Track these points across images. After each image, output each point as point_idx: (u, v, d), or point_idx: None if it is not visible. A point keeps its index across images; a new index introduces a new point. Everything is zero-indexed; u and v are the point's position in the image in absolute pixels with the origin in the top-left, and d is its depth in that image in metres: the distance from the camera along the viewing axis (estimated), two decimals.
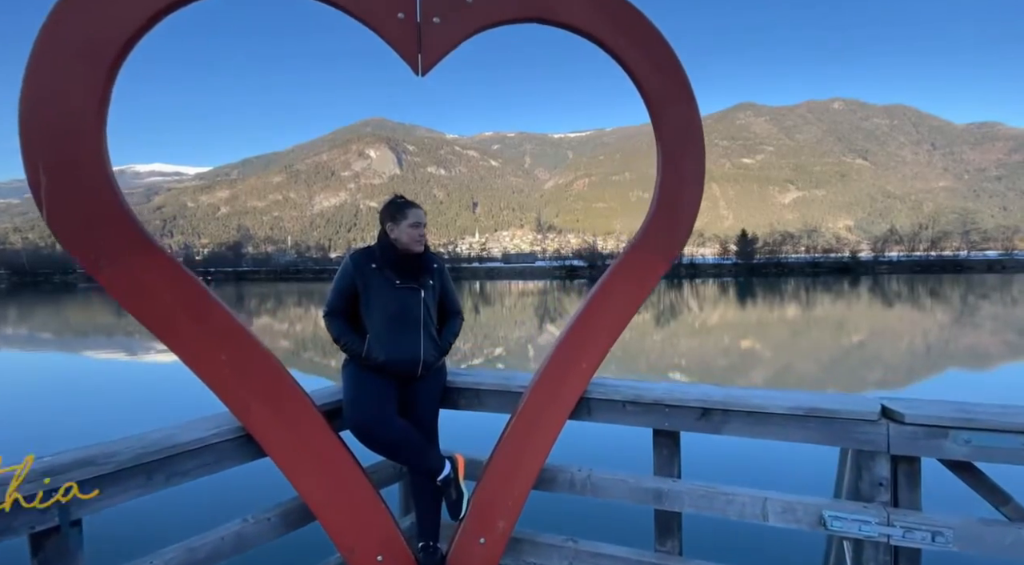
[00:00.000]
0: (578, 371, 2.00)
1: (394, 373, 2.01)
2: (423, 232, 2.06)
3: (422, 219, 2.06)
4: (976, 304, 24.16)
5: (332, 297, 2.05)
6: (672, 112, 1.91)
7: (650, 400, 1.95)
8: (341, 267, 2.07)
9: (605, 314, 2.01)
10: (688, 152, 1.94)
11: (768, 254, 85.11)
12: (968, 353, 11.73)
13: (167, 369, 10.59)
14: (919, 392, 8.17)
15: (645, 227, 1.98)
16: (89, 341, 16.10)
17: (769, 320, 20.04)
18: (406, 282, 2.03)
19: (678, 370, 10.38)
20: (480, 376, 2.33)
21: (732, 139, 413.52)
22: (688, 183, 1.95)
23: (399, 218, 2.02)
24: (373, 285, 2.01)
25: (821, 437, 1.79)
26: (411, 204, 2.07)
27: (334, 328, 2.03)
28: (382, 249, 2.04)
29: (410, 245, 2.03)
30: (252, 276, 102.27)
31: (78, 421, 6.48)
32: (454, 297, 2.26)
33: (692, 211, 1.96)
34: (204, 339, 1.68)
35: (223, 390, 1.70)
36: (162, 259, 1.65)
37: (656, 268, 2.02)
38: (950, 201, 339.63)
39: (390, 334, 1.99)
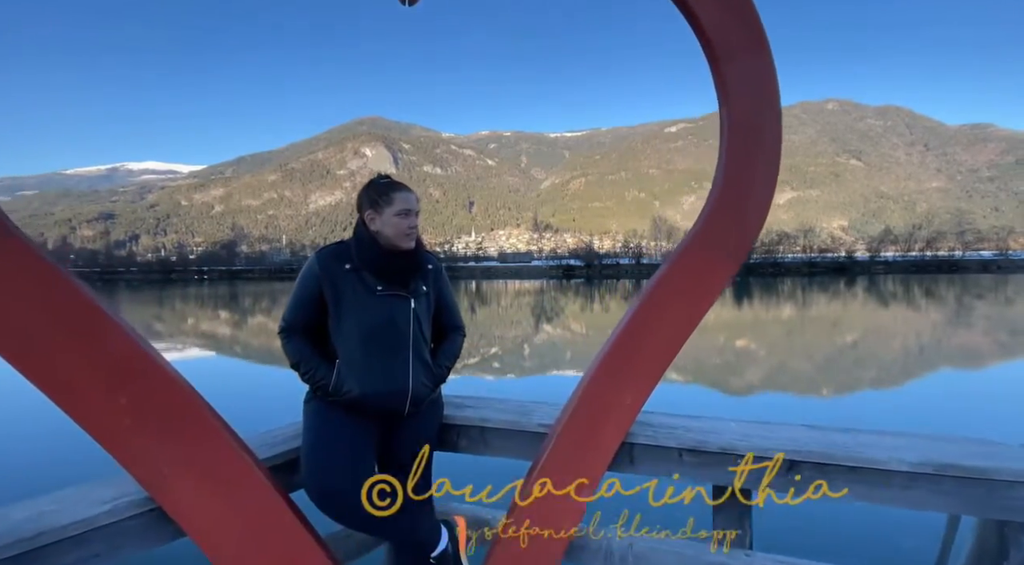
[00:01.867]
0: (620, 407, 1.54)
1: (373, 412, 1.54)
2: (415, 223, 1.59)
3: (413, 205, 1.58)
4: (971, 304, 24.21)
5: (290, 309, 1.57)
6: (743, 63, 1.48)
7: (716, 447, 1.49)
8: (303, 270, 1.59)
9: (655, 331, 1.55)
10: (763, 113, 1.48)
11: (764, 254, 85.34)
12: (962, 352, 11.70)
13: None
14: (916, 391, 8.09)
15: (707, 216, 1.53)
16: None
17: (765, 320, 20.00)
18: (391, 288, 1.56)
19: (673, 369, 10.29)
20: (487, 409, 1.85)
21: None
22: (762, 156, 1.49)
23: (382, 204, 1.56)
24: (346, 293, 1.53)
25: (961, 504, 1.32)
26: (398, 186, 1.60)
27: (292, 350, 1.55)
28: (360, 245, 1.57)
29: (397, 240, 1.56)
30: (246, 275, 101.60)
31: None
32: (454, 307, 1.78)
33: (767, 191, 1.50)
34: (90, 372, 1.17)
35: (121, 448, 1.21)
36: (18, 246, 1.12)
37: (721, 269, 1.54)
38: (943, 202, 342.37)
39: (368, 359, 1.51)
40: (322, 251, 1.60)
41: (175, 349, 13.09)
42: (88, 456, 1.29)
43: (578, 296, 35.76)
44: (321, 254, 1.58)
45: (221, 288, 53.01)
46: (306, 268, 1.58)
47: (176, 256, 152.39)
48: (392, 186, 1.59)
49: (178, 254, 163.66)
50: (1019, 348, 12.36)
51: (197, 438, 1.28)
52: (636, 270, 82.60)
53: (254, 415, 5.50)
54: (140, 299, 37.16)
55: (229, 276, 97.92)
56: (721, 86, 1.49)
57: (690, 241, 1.54)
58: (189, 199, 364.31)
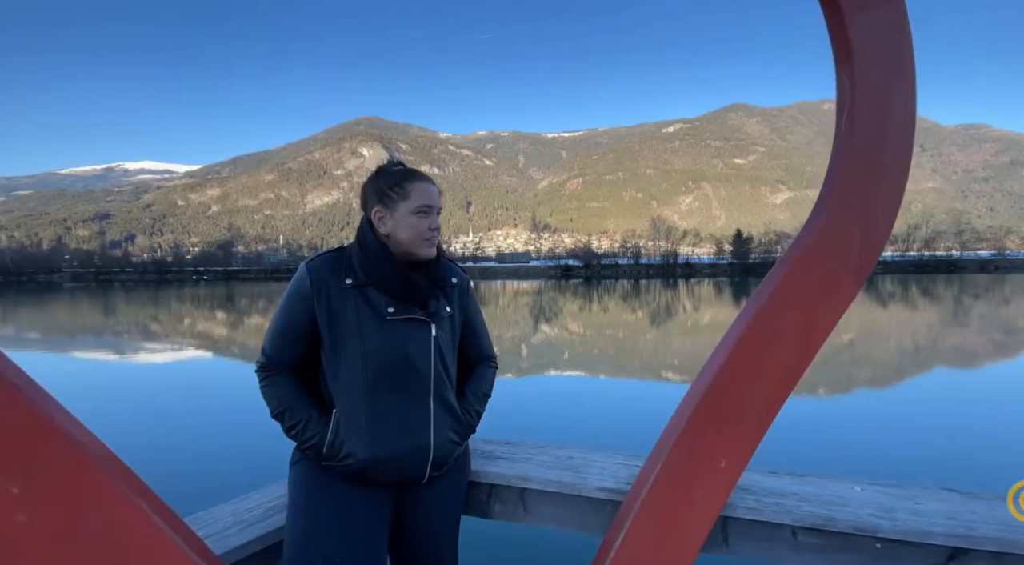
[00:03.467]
0: (713, 472, 1.15)
1: (384, 480, 1.19)
2: (436, 224, 1.26)
3: (435, 200, 1.25)
4: (969, 304, 24.31)
5: (271, 339, 1.21)
6: (876, 15, 1.11)
7: (846, 526, 1.12)
8: (289, 286, 1.23)
9: (761, 371, 1.15)
10: (896, 81, 1.13)
11: (763, 254, 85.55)
12: (958, 351, 11.72)
13: (161, 369, 10.31)
14: (911, 390, 8.12)
15: (825, 213, 1.15)
16: (77, 341, 15.71)
17: None
18: (406, 311, 1.21)
19: (670, 369, 10.24)
20: (526, 462, 1.45)
21: (724, 140, 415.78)
22: (893, 135, 1.13)
23: (396, 198, 1.22)
24: (346, 317, 1.18)
25: None
26: (416, 175, 1.26)
27: (274, 395, 1.19)
28: (365, 254, 1.22)
29: (414, 246, 1.23)
30: (242, 275, 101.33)
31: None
32: (484, 333, 1.43)
33: (899, 179, 1.14)
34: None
35: (13, 557, 0.78)
36: None
37: (845, 284, 1.17)
38: (938, 202, 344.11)
39: (376, 407, 1.16)
40: (314, 261, 1.22)
41: (171, 349, 13.02)
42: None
43: (576, 296, 35.75)
44: (313, 265, 1.21)
45: (218, 288, 52.82)
46: (293, 284, 1.21)
47: (172, 256, 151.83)
48: (409, 175, 1.25)
49: (174, 254, 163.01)
50: (1015, 347, 12.39)
51: (119, 532, 0.84)
52: (635, 270, 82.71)
53: (254, 415, 5.47)
54: (136, 300, 36.99)
55: (225, 276, 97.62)
56: (844, 46, 1.14)
57: (803, 249, 1.15)
58: (185, 199, 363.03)
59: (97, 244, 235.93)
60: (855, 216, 1.12)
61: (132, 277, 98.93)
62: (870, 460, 4.64)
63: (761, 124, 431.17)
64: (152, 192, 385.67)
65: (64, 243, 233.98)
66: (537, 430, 5.72)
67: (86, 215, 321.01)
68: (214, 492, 3.57)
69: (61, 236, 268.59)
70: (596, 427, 5.88)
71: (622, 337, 15.59)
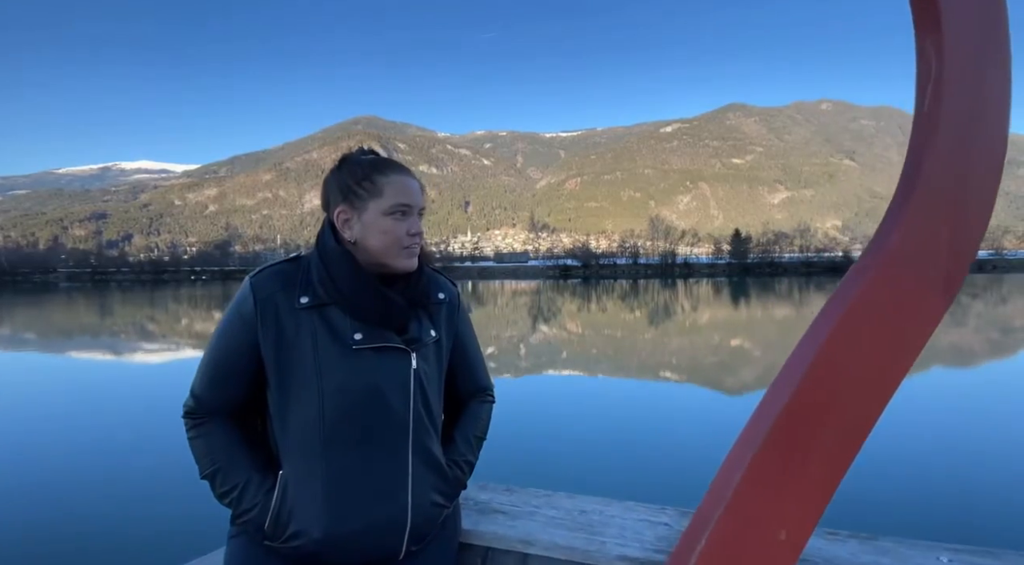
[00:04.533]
0: (770, 546, 0.89)
1: (346, 564, 0.94)
2: (418, 227, 1.01)
3: (415, 198, 1.00)
4: (967, 304, 24.34)
5: (202, 377, 0.97)
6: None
7: None
8: (229, 308, 0.98)
9: (830, 415, 0.87)
10: (990, 57, 0.85)
11: (762, 253, 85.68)
12: (954, 351, 11.74)
13: (156, 369, 10.23)
14: (908, 389, 8.17)
15: (906, 216, 0.86)
16: (74, 341, 15.61)
17: (761, 319, 20.02)
18: (378, 336, 0.96)
19: (669, 369, 10.24)
20: (528, 518, 1.22)
21: (722, 139, 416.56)
22: (987, 121, 0.86)
23: (364, 196, 0.97)
24: (300, 346, 0.94)
25: None
26: (390, 166, 1.00)
27: (204, 451, 0.95)
28: (327, 266, 0.97)
29: (389, 255, 0.98)
30: (239, 275, 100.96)
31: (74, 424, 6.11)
32: (478, 360, 1.16)
33: (993, 172, 0.87)
34: None
35: None
36: None
37: (931, 300, 0.88)
38: None
39: (336, 465, 0.92)
40: (261, 274, 0.96)
41: (168, 350, 12.94)
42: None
43: (575, 296, 35.73)
44: (259, 279, 0.95)
45: (215, 288, 52.66)
46: (234, 306, 0.95)
47: (169, 256, 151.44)
48: (381, 166, 0.98)
49: (171, 254, 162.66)
50: (1011, 346, 12.45)
51: None
52: (633, 270, 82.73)
53: None
54: (131, 300, 36.82)
55: (223, 276, 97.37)
56: (930, 8, 0.86)
57: (882, 258, 0.87)
58: (183, 198, 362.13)
59: (94, 244, 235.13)
60: (946, 215, 0.86)
61: (128, 277, 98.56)
62: (872, 462, 4.61)
63: (759, 124, 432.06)
64: (149, 192, 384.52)
65: (61, 243, 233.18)
66: (534, 435, 5.67)
67: (83, 215, 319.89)
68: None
69: (58, 236, 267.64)
70: (595, 427, 5.84)
71: (619, 337, 15.57)
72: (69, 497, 4.06)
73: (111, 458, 5.03)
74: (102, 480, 4.42)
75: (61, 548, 3.27)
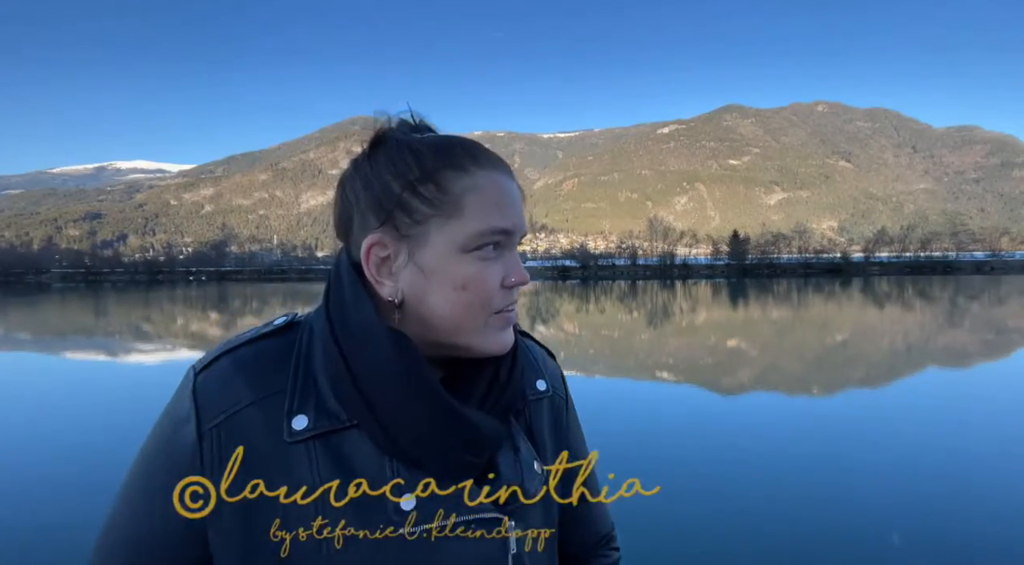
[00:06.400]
0: None
1: None
2: (525, 275, 0.55)
3: (522, 219, 0.55)
4: (964, 305, 24.33)
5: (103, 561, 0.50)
6: None
7: None
8: (154, 433, 0.52)
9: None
10: None
11: (760, 255, 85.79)
12: (950, 352, 11.69)
13: (153, 370, 10.04)
14: (902, 389, 8.09)
15: None
16: (68, 341, 15.36)
17: (760, 320, 19.97)
18: (450, 504, 0.49)
19: (666, 369, 10.14)
20: None
21: (719, 140, 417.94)
22: None
23: (428, 211, 0.50)
24: (291, 522, 0.46)
25: None
26: (478, 154, 0.54)
27: None
28: (351, 353, 0.49)
29: (471, 332, 0.52)
30: (235, 276, 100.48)
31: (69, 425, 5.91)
32: (599, 493, 0.60)
33: None
34: None
35: None
36: None
37: None
38: (930, 203, 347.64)
39: None
40: (214, 369, 0.51)
41: (165, 350, 12.73)
42: None
43: (574, 297, 35.59)
44: (209, 381, 0.51)
45: (210, 289, 52.29)
46: (160, 434, 0.52)
47: (164, 256, 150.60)
48: (456, 153, 0.53)
49: (166, 254, 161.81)
50: (1006, 347, 12.43)
51: None
52: (632, 271, 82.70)
53: None
54: (127, 301, 36.47)
55: (218, 277, 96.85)
56: None
57: None
58: (178, 198, 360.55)
59: (88, 244, 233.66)
60: None
61: (122, 277, 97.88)
62: (865, 460, 4.47)
63: (755, 125, 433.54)
64: (144, 191, 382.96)
65: (55, 243, 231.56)
66: None
67: (77, 215, 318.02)
68: None
69: (52, 236, 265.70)
70: (594, 428, 5.69)
71: (616, 337, 15.45)
72: (64, 498, 3.98)
73: (108, 458, 4.86)
74: (99, 481, 4.29)
75: (57, 549, 3.19)
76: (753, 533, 3.25)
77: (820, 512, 3.55)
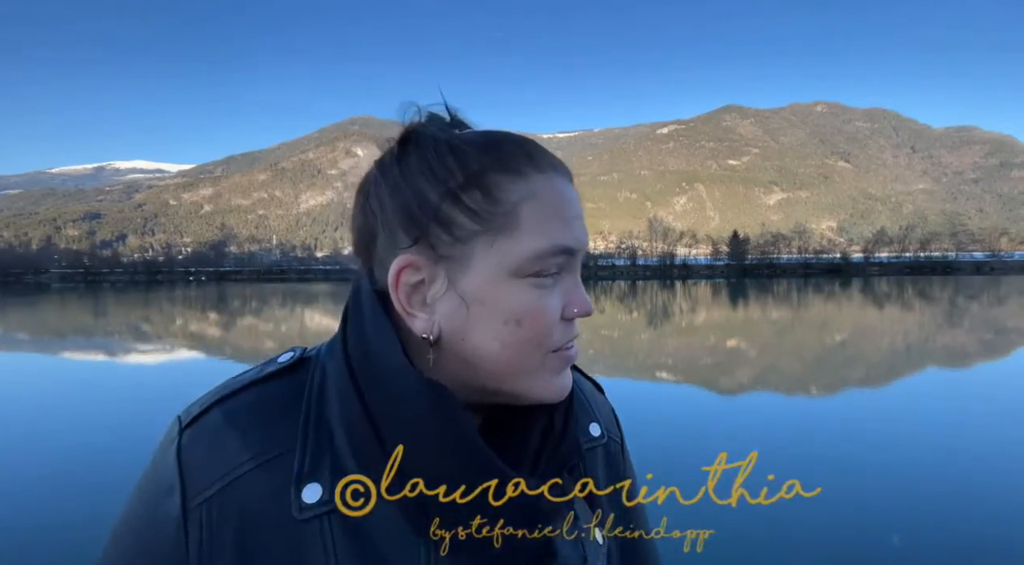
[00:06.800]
0: None
1: None
2: (589, 305, 0.42)
3: (584, 233, 0.44)
4: (965, 305, 24.36)
5: None
6: None
7: None
8: (129, 508, 0.40)
9: None
10: None
11: (760, 255, 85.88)
12: (949, 352, 11.69)
13: (150, 370, 10.02)
14: (899, 389, 8.10)
15: None
16: (67, 342, 15.33)
17: (759, 320, 20.01)
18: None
19: (665, 369, 10.15)
20: None
21: (718, 141, 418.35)
22: None
23: (475, 226, 0.39)
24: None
25: None
26: (533, 154, 0.42)
27: None
28: (375, 403, 0.39)
29: (527, 375, 0.41)
30: (234, 276, 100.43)
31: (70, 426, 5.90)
32: (653, 550, 0.54)
33: None
34: None
35: None
36: None
37: None
38: (929, 203, 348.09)
39: None
40: (202, 424, 0.40)
41: (164, 350, 12.72)
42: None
43: None
44: (196, 440, 0.39)
45: (209, 289, 52.25)
46: (137, 509, 0.40)
47: (163, 257, 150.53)
48: (509, 152, 0.41)
49: (165, 254, 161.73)
50: (1006, 347, 12.45)
51: None
52: (631, 271, 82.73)
53: None
54: (126, 301, 36.43)
55: (217, 277, 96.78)
56: None
57: None
58: (177, 199, 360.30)
59: (87, 244, 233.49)
60: None
61: (122, 278, 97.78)
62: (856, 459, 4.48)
63: (755, 125, 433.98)
64: (144, 191, 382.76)
65: (54, 243, 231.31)
66: None
67: (76, 215, 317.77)
68: None
69: (51, 236, 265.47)
70: None
71: (616, 337, 15.46)
72: (64, 498, 3.96)
73: (107, 458, 4.86)
74: (99, 481, 4.29)
75: (57, 549, 3.17)
76: (753, 532, 3.29)
77: (820, 512, 3.56)
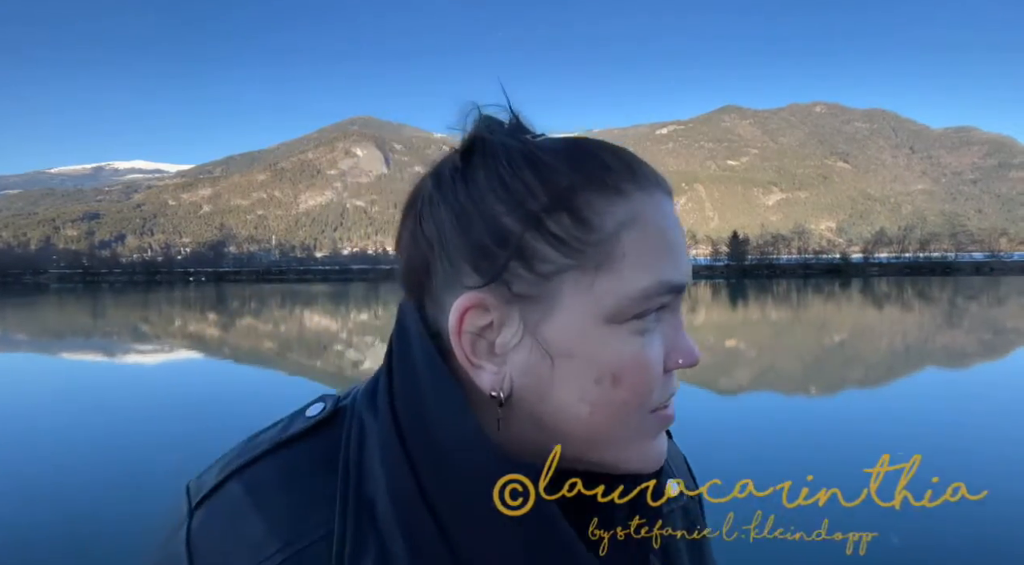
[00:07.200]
0: None
1: None
2: (696, 353, 0.34)
3: (688, 266, 0.34)
4: (964, 305, 24.39)
5: None
6: None
7: None
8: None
9: None
10: None
11: (759, 255, 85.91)
12: (948, 352, 11.70)
13: (149, 370, 10.01)
14: (898, 389, 8.13)
15: None
16: (66, 342, 15.32)
17: (759, 321, 20.04)
18: None
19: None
20: None
21: (717, 141, 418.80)
22: None
23: (562, 259, 0.31)
24: None
25: None
26: (631, 168, 0.35)
27: None
28: (430, 479, 0.30)
29: (620, 442, 0.32)
30: (233, 277, 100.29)
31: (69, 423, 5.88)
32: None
33: None
34: None
35: None
36: None
37: None
38: (928, 204, 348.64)
39: None
40: (215, 513, 0.31)
41: (163, 351, 12.70)
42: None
43: None
44: (211, 532, 0.31)
45: (209, 290, 52.19)
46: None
47: (162, 257, 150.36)
48: (599, 168, 0.33)
49: (164, 255, 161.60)
50: (1005, 347, 12.48)
51: None
52: None
53: (247, 411, 5.19)
54: (125, 302, 36.39)
55: (216, 277, 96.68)
56: None
57: None
58: (177, 199, 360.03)
59: (86, 244, 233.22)
60: None
61: (120, 278, 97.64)
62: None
63: (754, 126, 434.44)
64: (143, 192, 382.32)
65: (52, 243, 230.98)
66: None
67: (75, 215, 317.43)
68: None
69: (50, 236, 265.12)
70: None
71: None
72: (62, 498, 3.96)
73: (106, 458, 4.86)
74: (98, 481, 4.30)
75: (54, 549, 3.17)
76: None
77: (818, 511, 3.55)
